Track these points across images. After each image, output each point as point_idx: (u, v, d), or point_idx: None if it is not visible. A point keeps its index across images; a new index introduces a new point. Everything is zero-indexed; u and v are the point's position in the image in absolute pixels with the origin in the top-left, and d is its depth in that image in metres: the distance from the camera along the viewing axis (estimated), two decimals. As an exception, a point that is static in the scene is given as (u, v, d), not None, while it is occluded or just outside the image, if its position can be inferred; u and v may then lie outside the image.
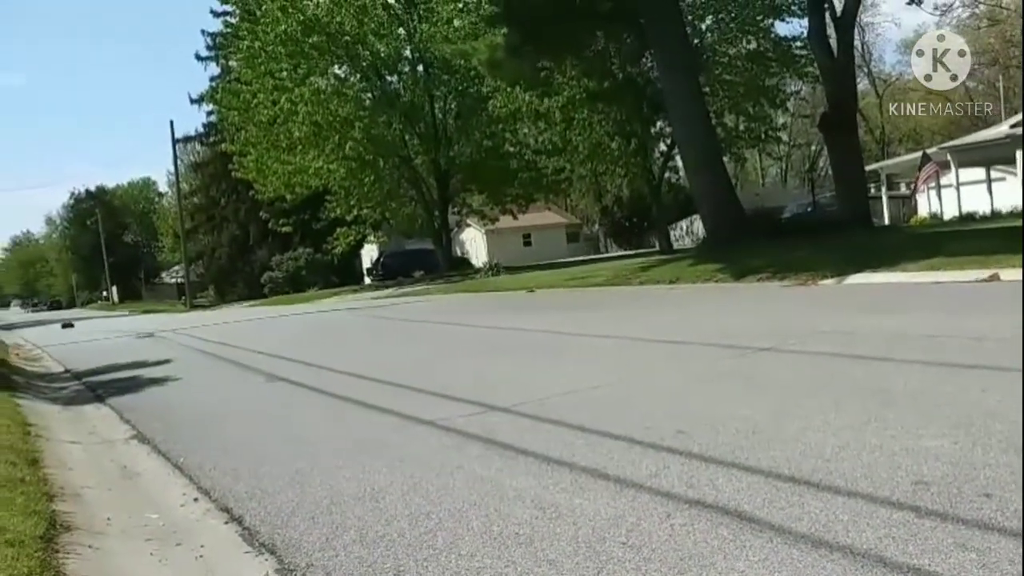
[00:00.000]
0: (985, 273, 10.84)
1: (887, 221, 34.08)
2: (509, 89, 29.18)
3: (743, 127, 33.53)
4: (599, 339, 9.73)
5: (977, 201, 30.64)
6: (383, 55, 35.40)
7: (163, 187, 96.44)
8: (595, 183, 42.96)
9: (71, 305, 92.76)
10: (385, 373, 8.15)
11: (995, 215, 27.89)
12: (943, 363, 5.77)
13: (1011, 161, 30.88)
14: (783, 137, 50.09)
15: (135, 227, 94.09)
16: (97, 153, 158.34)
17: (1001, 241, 13.19)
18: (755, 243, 18.66)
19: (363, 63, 35.41)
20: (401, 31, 35.93)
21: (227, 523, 3.90)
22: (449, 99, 36.86)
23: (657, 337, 8.94)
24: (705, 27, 31.49)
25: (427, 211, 38.77)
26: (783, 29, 70.29)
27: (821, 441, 4.03)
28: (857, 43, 50.80)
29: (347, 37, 33.51)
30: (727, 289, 14.42)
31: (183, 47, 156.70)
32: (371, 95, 36.53)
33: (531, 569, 2.91)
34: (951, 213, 30.73)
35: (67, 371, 12.60)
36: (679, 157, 27.98)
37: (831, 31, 22.35)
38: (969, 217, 28.47)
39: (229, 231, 56.33)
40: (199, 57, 55.71)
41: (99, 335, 21.74)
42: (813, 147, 62.06)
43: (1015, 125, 30.76)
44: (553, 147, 33.80)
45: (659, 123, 31.40)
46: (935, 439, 3.87)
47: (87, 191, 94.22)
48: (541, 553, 3.03)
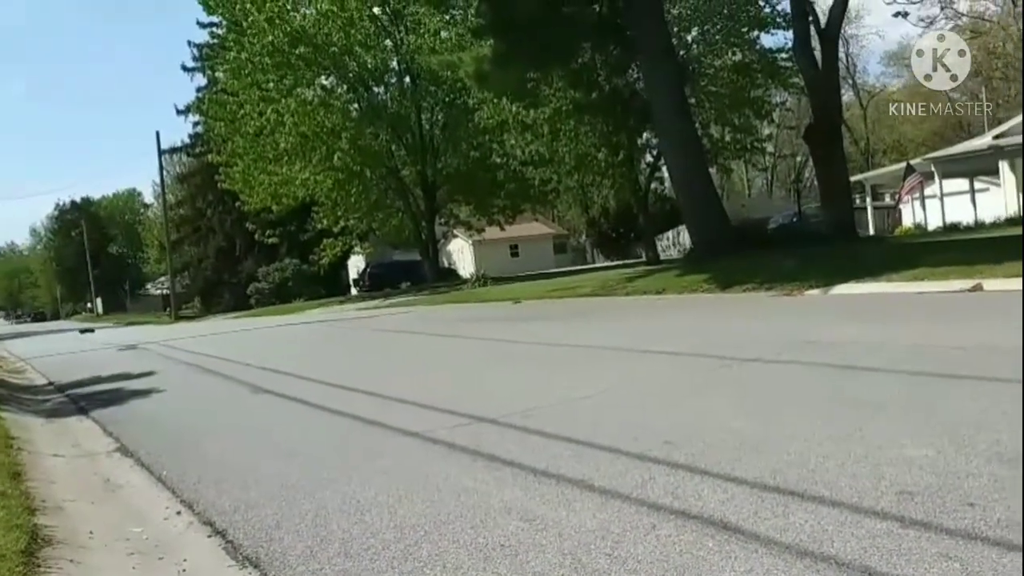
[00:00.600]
0: (968, 283, 10.91)
1: (872, 231, 34.31)
2: (496, 100, 29.24)
3: (729, 138, 33.69)
4: (586, 349, 9.73)
5: (961, 212, 30.86)
6: (370, 66, 35.47)
7: (149, 198, 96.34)
8: (582, 194, 43.01)
9: (55, 317, 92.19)
10: (371, 384, 8.13)
11: (978, 225, 28.09)
12: (927, 373, 5.80)
13: (994, 172, 31.17)
14: (769, 148, 50.37)
15: (120, 238, 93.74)
16: (83, 164, 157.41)
17: (984, 252, 13.30)
18: (741, 254, 18.75)
19: (350, 74, 35.46)
20: (388, 43, 36.01)
21: (210, 536, 3.88)
22: (436, 110, 36.92)
23: (643, 348, 8.95)
24: (691, 39, 31.67)
25: (414, 222, 38.78)
26: (768, 41, 70.56)
27: (806, 451, 4.04)
28: (841, 55, 51.16)
29: (334, 48, 33.53)
30: (714, 299, 14.47)
31: (169, 58, 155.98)
32: (358, 106, 36.56)
33: (517, 581, 2.90)
34: (935, 223, 30.93)
35: (50, 383, 12.50)
36: (665, 168, 28.10)
37: (816, 43, 22.51)
38: (953, 227, 28.64)
39: (215, 242, 56.19)
40: (185, 68, 55.65)
41: (86, 346, 21.60)
42: (798, 158, 62.48)
43: (998, 136, 31.05)
44: (540, 158, 33.86)
45: (645, 134, 31.50)
46: (919, 449, 3.89)
47: (72, 202, 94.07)
48: (527, 565, 3.02)
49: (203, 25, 50.35)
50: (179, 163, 66.39)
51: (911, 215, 33.96)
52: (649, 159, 33.92)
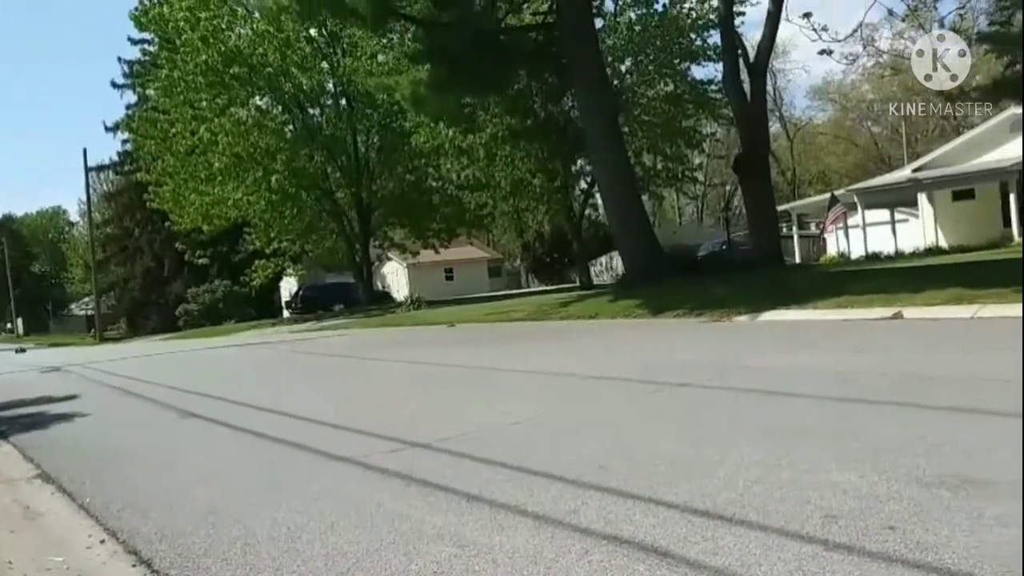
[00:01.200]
0: (889, 311, 11.26)
1: (798, 259, 35.22)
2: (432, 124, 29.33)
3: (661, 166, 34.35)
4: (520, 374, 9.75)
5: (882, 241, 31.90)
6: (305, 88, 35.25)
7: (74, 216, 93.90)
8: (517, 219, 43.30)
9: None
10: (302, 409, 8.02)
11: (899, 255, 29.06)
12: (851, 399, 5.95)
13: (913, 204, 32.31)
14: (699, 177, 51.46)
15: (44, 257, 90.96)
16: (3, 180, 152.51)
17: (904, 280, 13.77)
18: (673, 280, 19.05)
19: (285, 95, 35.20)
20: (324, 64, 35.86)
21: (135, 566, 3.77)
22: (372, 133, 36.84)
23: (577, 372, 9.02)
24: (624, 69, 32.29)
25: (348, 244, 38.53)
26: (699, 73, 72.48)
27: (735, 475, 4.12)
28: (769, 88, 52.66)
29: (269, 69, 33.24)
30: (645, 325, 14.65)
31: (98, 73, 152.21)
32: (293, 127, 36.26)
33: (449, 608, 2.89)
34: (858, 252, 31.91)
35: (-35, 407, 12.03)
36: (599, 194, 28.46)
37: (745, 76, 23.12)
38: (875, 256, 29.59)
39: (143, 262, 54.98)
40: (115, 84, 54.70)
41: (4, 368, 20.83)
42: (728, 187, 63.87)
43: (916, 169, 32.24)
44: (476, 182, 34.04)
45: (580, 161, 31.94)
46: (843, 473, 3.99)
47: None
48: (460, 591, 3.01)
49: (134, 41, 49.68)
50: (107, 181, 64.98)
51: (835, 244, 34.97)
52: (583, 185, 34.39)
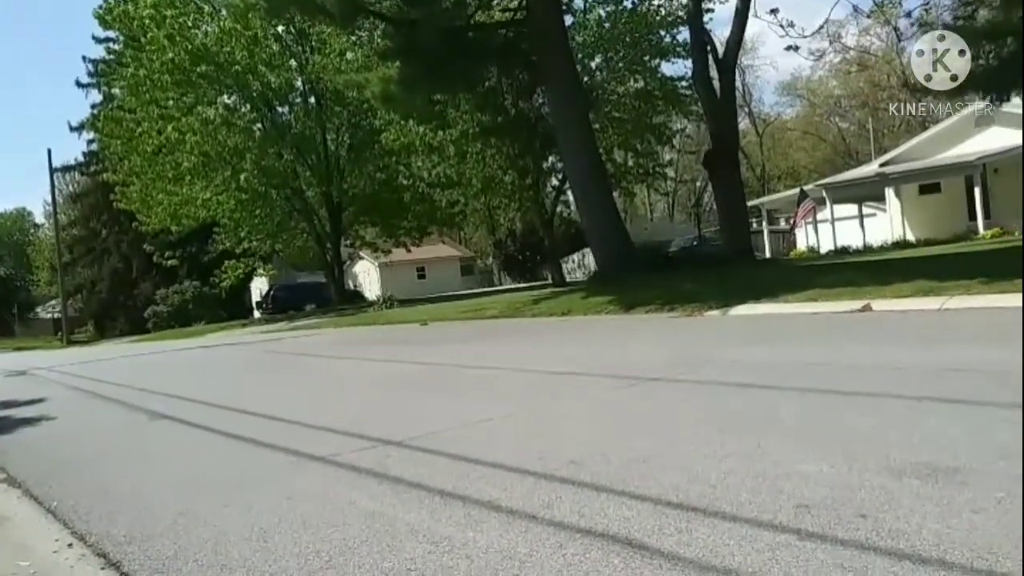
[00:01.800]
0: (858, 304, 11.37)
1: (768, 254, 35.50)
2: (402, 122, 29.22)
3: (632, 163, 34.46)
4: (492, 371, 9.74)
5: (850, 236, 32.23)
6: (274, 86, 34.95)
7: (39, 218, 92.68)
8: (489, 216, 43.31)
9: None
10: (273, 408, 7.95)
11: (867, 249, 29.38)
12: (822, 390, 6.00)
13: (880, 199, 32.69)
14: (670, 173, 51.72)
15: (8, 260, 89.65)
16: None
17: (872, 274, 13.92)
18: (644, 276, 19.12)
19: (253, 93, 34.88)
20: (292, 62, 35.58)
21: (103, 569, 3.71)
22: (342, 131, 36.62)
23: (549, 368, 9.02)
24: (595, 65, 32.34)
25: (319, 244, 38.31)
26: (669, 69, 72.81)
27: (708, 468, 4.13)
28: (738, 84, 53.04)
29: (237, 67, 32.92)
30: (617, 320, 14.69)
31: (62, 72, 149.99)
32: (261, 126, 35.97)
33: (423, 605, 2.87)
34: (827, 247, 32.23)
35: (-72, 412, 11.81)
36: (570, 191, 28.51)
37: (714, 72, 23.26)
38: (844, 251, 29.90)
39: (110, 264, 54.33)
40: (80, 84, 53.98)
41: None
42: (698, 183, 64.35)
43: (884, 164, 32.60)
44: (447, 180, 33.96)
45: (551, 158, 31.95)
46: (815, 463, 4.01)
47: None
48: (434, 588, 2.99)
49: (99, 40, 49.01)
50: (73, 182, 64.15)
51: (805, 238, 35.28)
52: (555, 182, 34.42)
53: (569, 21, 28.94)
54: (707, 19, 25.46)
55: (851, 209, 33.51)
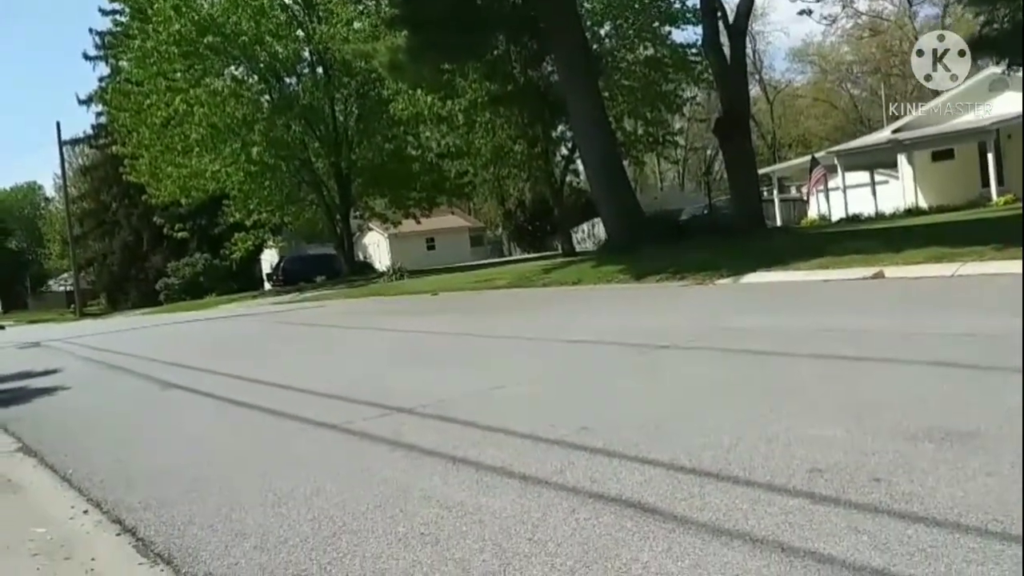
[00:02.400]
0: (870, 271, 11.31)
1: (779, 222, 35.26)
2: (411, 92, 29.04)
3: (642, 131, 34.21)
4: (503, 340, 9.75)
5: (862, 203, 31.99)
6: (281, 56, 34.74)
7: (50, 192, 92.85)
8: (498, 186, 43.08)
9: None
10: (286, 378, 7.99)
11: (879, 216, 29.17)
12: (834, 356, 5.99)
13: (892, 165, 32.40)
14: (680, 141, 51.30)
15: (20, 233, 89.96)
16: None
17: (885, 241, 13.82)
18: (654, 245, 19.04)
19: (261, 64, 34.69)
20: (300, 32, 35.34)
21: (119, 535, 3.74)
22: (350, 102, 36.42)
23: (560, 337, 9.02)
24: (604, 33, 32.05)
25: (328, 215, 38.26)
26: (679, 36, 72.22)
27: (720, 433, 4.12)
28: (749, 51, 52.45)
29: (244, 38, 32.73)
30: (628, 289, 14.66)
31: (70, 45, 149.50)
32: (269, 97, 35.81)
33: (437, 568, 2.89)
34: (839, 214, 32.00)
35: (-56, 384, 11.91)
36: (580, 160, 28.35)
37: (724, 39, 22.99)
38: (855, 218, 29.68)
39: (121, 237, 54.43)
40: (87, 56, 53.81)
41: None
42: (709, 151, 63.86)
43: (896, 130, 32.28)
44: (456, 150, 33.81)
45: (560, 127, 31.74)
46: (828, 428, 4.01)
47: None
48: (447, 552, 3.01)
49: (105, 12, 48.82)
50: (82, 155, 64.14)
51: (816, 206, 35.04)
52: (564, 152, 34.21)
53: (578, -13, 28.64)
54: (718, -16, 25.02)
55: (863, 176, 33.20)
